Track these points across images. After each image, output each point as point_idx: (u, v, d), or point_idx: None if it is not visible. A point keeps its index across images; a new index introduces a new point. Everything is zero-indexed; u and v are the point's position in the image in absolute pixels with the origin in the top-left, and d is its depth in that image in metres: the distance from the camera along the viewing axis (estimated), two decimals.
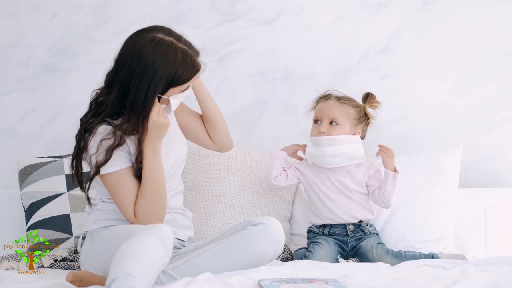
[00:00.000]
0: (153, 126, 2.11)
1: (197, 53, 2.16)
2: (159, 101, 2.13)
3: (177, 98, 2.18)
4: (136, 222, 2.11)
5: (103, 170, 2.10)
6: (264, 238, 2.04)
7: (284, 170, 2.60)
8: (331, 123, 2.52)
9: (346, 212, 2.52)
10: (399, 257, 2.39)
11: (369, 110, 2.57)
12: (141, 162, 2.14)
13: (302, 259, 2.41)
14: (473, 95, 3.04)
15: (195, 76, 2.16)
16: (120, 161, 2.13)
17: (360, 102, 2.59)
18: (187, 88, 2.18)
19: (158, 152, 2.14)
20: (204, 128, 2.43)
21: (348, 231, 2.52)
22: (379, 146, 2.54)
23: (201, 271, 1.94)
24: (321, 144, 2.50)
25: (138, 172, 2.15)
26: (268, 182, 2.61)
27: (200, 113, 2.43)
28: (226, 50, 3.08)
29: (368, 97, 2.58)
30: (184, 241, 2.28)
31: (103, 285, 1.87)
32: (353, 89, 2.69)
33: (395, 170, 2.50)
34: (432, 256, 2.40)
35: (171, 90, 2.13)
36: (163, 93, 2.12)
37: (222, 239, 2.10)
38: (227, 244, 2.05)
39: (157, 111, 2.11)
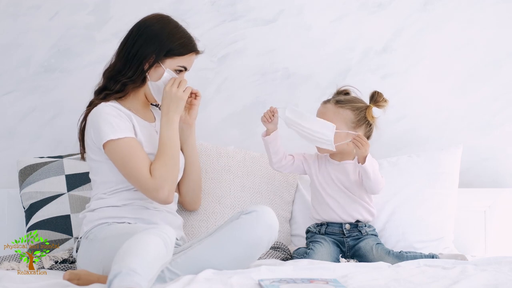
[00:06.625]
0: (166, 96, 2.23)
1: (195, 40, 2.36)
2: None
3: (170, 74, 2.29)
4: (151, 181, 2.15)
5: (114, 136, 2.16)
6: (256, 225, 2.06)
7: (292, 156, 2.60)
8: None
9: (343, 209, 2.52)
10: (400, 257, 2.39)
11: (374, 110, 2.54)
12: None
13: (303, 256, 2.41)
14: (473, 95, 3.03)
15: (191, 55, 2.29)
16: (129, 131, 2.21)
17: (367, 101, 2.56)
18: (181, 71, 2.32)
19: (173, 123, 2.23)
20: None
21: (345, 230, 2.52)
22: (355, 136, 2.45)
23: (197, 263, 1.97)
24: (302, 118, 2.46)
25: None
26: (271, 166, 2.61)
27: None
28: (226, 50, 3.08)
29: (374, 96, 2.54)
30: (177, 239, 2.29)
31: (101, 283, 1.87)
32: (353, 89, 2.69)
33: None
34: (432, 256, 2.41)
35: (168, 62, 2.29)
36: (159, 60, 2.27)
37: (217, 230, 2.11)
38: (221, 234, 2.07)
39: (171, 83, 2.25)
